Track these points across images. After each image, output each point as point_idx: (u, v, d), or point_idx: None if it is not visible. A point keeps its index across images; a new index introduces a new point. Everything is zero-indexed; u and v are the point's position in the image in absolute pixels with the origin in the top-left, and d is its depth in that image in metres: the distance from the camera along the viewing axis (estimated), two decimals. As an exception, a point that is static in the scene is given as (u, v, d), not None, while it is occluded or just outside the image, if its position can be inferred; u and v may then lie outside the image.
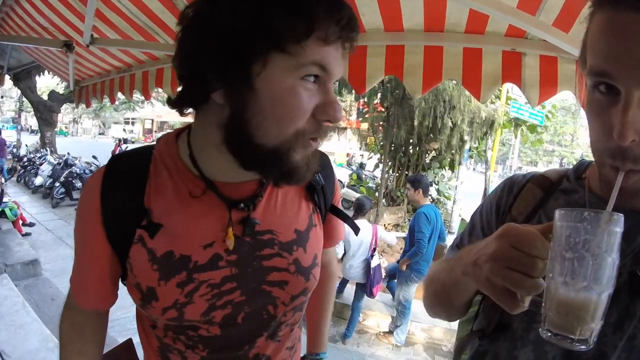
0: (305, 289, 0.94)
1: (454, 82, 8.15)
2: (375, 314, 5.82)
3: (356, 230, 1.11)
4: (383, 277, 5.57)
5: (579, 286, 0.53)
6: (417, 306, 5.32)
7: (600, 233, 0.53)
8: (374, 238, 5.11)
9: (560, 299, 0.55)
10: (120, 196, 0.82)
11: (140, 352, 1.13)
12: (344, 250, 5.06)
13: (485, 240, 0.66)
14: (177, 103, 0.78)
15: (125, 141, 28.93)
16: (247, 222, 0.85)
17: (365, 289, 5.14)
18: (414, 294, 5.16)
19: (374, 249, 5.15)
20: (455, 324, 1.07)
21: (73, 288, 0.94)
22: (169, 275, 0.81)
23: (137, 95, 3.59)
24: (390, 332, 5.36)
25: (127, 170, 0.85)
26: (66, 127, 48.52)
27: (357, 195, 13.14)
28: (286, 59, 0.67)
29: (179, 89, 0.78)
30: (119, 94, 4.03)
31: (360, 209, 5.16)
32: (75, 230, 0.89)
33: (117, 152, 1.90)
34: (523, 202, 0.87)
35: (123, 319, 4.26)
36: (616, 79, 0.58)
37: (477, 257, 0.65)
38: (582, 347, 0.54)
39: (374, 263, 5.09)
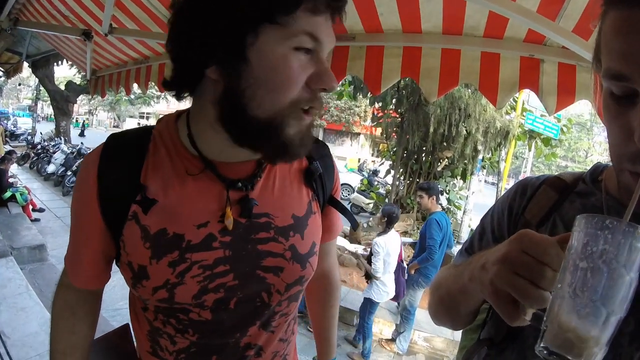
0: (301, 277, 0.92)
1: (470, 88, 8.13)
2: (379, 321, 5.78)
3: (355, 225, 1.15)
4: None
5: (588, 300, 0.48)
6: (421, 315, 5.29)
7: (621, 245, 0.48)
8: (401, 248, 5.05)
9: (565, 312, 0.50)
10: (117, 172, 0.82)
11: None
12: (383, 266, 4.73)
13: (498, 246, 0.63)
14: (172, 84, 0.81)
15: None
16: (245, 202, 0.85)
17: (397, 297, 5.07)
18: (420, 299, 5.15)
19: (402, 259, 5.10)
20: (458, 335, 1.03)
21: (67, 265, 0.94)
22: (161, 254, 0.80)
23: (153, 91, 3.62)
24: (393, 340, 5.33)
25: (125, 147, 0.85)
26: (87, 120, 48.85)
27: (368, 200, 13.18)
28: (277, 29, 0.69)
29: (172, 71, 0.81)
30: (135, 86, 4.05)
31: (392, 220, 4.86)
32: (71, 208, 0.89)
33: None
34: (537, 204, 0.84)
35: (125, 309, 4.28)
36: (634, 81, 0.55)
37: (486, 261, 0.62)
38: None
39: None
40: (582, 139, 35.73)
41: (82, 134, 32.82)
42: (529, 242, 0.56)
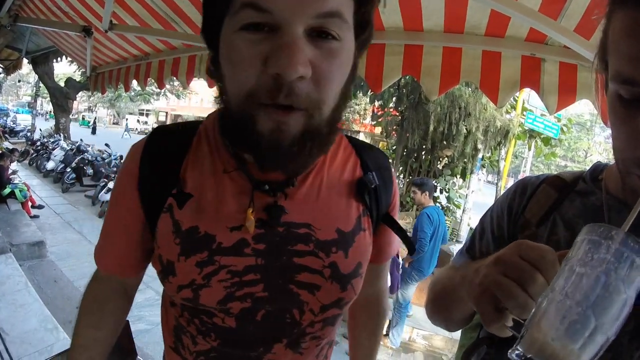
0: (340, 299, 0.82)
1: (471, 86, 8.12)
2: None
3: (412, 249, 1.00)
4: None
5: (578, 306, 0.45)
6: (420, 312, 5.29)
7: (623, 259, 0.45)
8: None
9: (551, 316, 0.46)
10: (158, 162, 0.80)
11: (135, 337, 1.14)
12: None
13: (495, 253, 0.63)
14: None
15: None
16: (272, 209, 0.78)
17: (391, 289, 5.09)
18: (412, 293, 5.20)
19: (398, 254, 5.12)
20: (457, 334, 1.03)
21: (96, 250, 0.91)
22: (190, 252, 0.77)
23: (153, 87, 3.62)
24: (387, 335, 5.34)
25: (170, 139, 0.84)
26: (96, 118, 47.75)
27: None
28: (229, 16, 0.63)
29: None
30: (134, 82, 4.04)
31: None
32: (111, 195, 0.88)
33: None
34: (537, 203, 0.84)
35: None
36: None
37: (481, 265, 0.62)
38: None
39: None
40: (581, 138, 35.69)
41: (93, 132, 32.75)
42: (526, 248, 0.56)
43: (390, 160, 10.52)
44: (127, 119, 42.75)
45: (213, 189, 0.78)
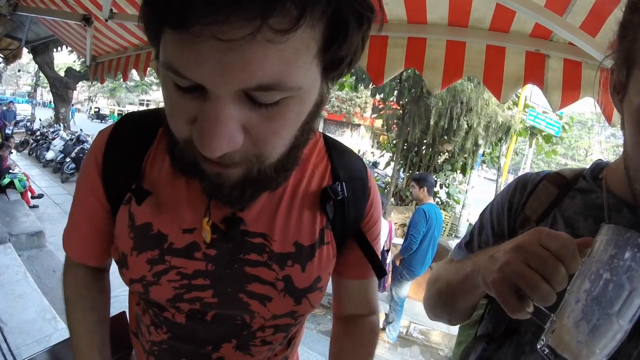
0: (293, 312, 0.79)
1: (473, 81, 8.08)
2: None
3: (380, 274, 0.88)
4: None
5: (605, 312, 0.49)
6: (418, 307, 5.31)
7: None
8: (389, 235, 5.05)
9: (579, 318, 0.50)
10: (122, 153, 0.77)
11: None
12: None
13: (511, 239, 0.62)
14: None
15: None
16: (231, 220, 0.74)
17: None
18: (407, 292, 5.18)
19: (389, 246, 5.11)
20: (455, 329, 1.02)
21: (64, 239, 0.89)
22: (142, 249, 0.75)
23: (152, 78, 3.58)
24: (383, 329, 5.36)
25: (136, 129, 0.80)
26: (116, 112, 45.80)
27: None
28: (164, 39, 0.50)
29: None
30: (133, 72, 4.02)
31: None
32: (77, 182, 0.85)
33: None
34: (537, 200, 0.84)
35: (123, 295, 4.28)
36: None
37: (496, 251, 0.62)
38: None
39: (388, 259, 5.04)
40: (582, 137, 35.72)
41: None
42: (547, 235, 0.55)
43: (391, 154, 10.54)
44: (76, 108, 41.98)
45: (169, 186, 0.76)
